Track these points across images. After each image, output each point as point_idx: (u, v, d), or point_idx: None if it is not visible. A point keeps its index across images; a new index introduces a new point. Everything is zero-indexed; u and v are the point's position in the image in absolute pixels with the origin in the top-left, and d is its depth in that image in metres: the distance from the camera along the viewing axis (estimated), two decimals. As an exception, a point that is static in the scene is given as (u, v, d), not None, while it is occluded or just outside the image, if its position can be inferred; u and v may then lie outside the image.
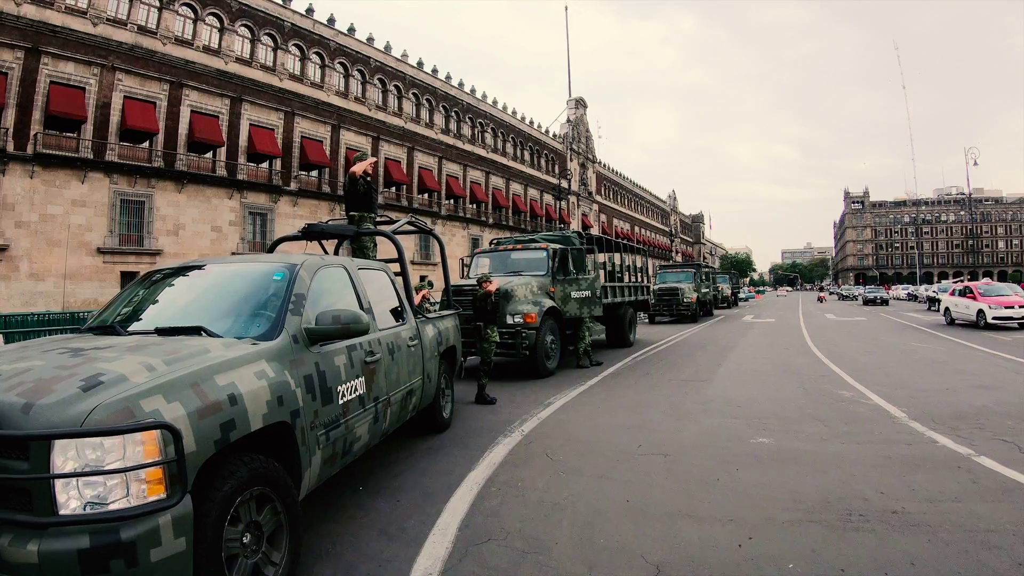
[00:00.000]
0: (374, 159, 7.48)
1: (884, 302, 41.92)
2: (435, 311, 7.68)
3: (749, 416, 6.56)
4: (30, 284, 22.37)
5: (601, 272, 12.98)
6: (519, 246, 11.83)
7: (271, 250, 6.93)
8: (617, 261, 14.98)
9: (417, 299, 7.50)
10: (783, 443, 5.39)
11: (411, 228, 7.27)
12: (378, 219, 7.02)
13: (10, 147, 22.18)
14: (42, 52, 23.16)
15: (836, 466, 4.63)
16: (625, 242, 16.65)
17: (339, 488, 4.31)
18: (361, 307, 4.14)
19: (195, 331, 3.06)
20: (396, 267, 5.77)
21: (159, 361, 2.45)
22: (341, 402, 3.48)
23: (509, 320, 9.50)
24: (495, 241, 12.99)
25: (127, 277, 24.48)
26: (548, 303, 10.18)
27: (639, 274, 16.98)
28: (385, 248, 6.72)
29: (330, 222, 6.94)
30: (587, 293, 11.54)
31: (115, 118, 25.29)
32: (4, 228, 21.93)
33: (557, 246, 11.36)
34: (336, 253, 7.52)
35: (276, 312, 3.31)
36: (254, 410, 2.61)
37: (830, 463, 4.72)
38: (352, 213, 6.52)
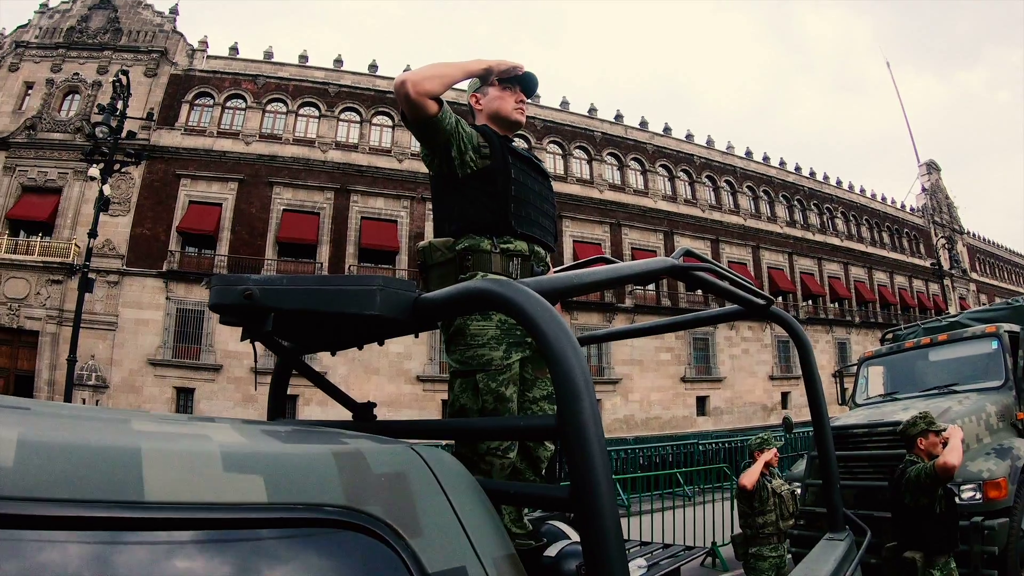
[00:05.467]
0: (512, 64, 1.95)
1: None
2: (789, 494, 4.16)
3: None
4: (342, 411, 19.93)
5: None
6: (941, 337, 6.46)
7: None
8: None
9: (753, 475, 4.06)
10: None
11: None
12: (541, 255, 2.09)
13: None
14: (350, 191, 24.56)
15: None
16: None
17: None
18: None
19: None
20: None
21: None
22: None
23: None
24: (890, 334, 7.94)
25: (446, 405, 22.40)
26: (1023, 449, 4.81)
27: None
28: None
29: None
30: None
31: (428, 246, 23.13)
32: (322, 356, 20.82)
33: (1015, 327, 5.88)
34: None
35: None
36: None
37: None
38: (433, 241, 1.94)
